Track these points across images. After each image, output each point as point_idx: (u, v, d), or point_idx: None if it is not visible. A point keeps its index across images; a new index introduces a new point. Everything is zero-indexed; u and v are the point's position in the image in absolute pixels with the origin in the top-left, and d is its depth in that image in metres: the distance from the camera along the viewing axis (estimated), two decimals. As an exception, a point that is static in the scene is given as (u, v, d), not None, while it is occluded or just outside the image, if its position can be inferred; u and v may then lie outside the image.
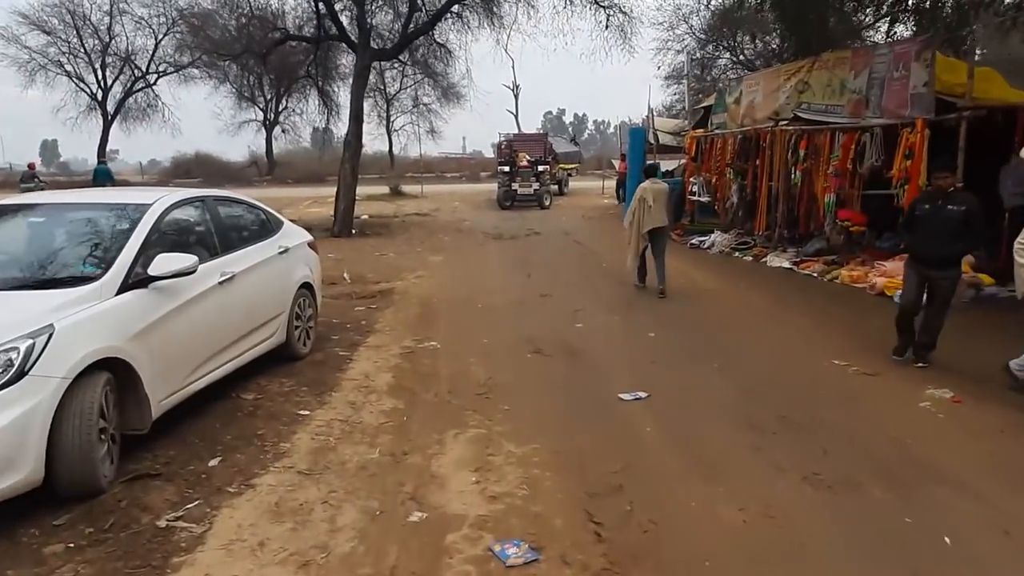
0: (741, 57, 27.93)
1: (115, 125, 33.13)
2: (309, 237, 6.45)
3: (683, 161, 14.84)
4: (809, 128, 10.17)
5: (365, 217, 19.94)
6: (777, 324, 7.34)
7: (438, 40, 17.15)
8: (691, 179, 13.84)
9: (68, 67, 31.43)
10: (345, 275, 10.07)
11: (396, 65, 43.14)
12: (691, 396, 5.03)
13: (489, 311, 7.89)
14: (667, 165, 22.62)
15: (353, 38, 15.15)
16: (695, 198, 13.78)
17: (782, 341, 6.64)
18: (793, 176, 10.36)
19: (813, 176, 9.98)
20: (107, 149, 33.22)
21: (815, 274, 9.59)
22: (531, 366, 5.83)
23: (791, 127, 10.59)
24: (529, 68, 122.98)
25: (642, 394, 4.98)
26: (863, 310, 7.71)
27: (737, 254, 11.56)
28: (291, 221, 6.66)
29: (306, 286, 6.07)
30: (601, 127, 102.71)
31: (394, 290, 9.09)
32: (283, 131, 41.70)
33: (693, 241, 12.92)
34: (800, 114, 10.52)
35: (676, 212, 14.07)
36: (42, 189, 26.37)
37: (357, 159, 15.04)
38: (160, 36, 28.98)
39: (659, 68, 27.87)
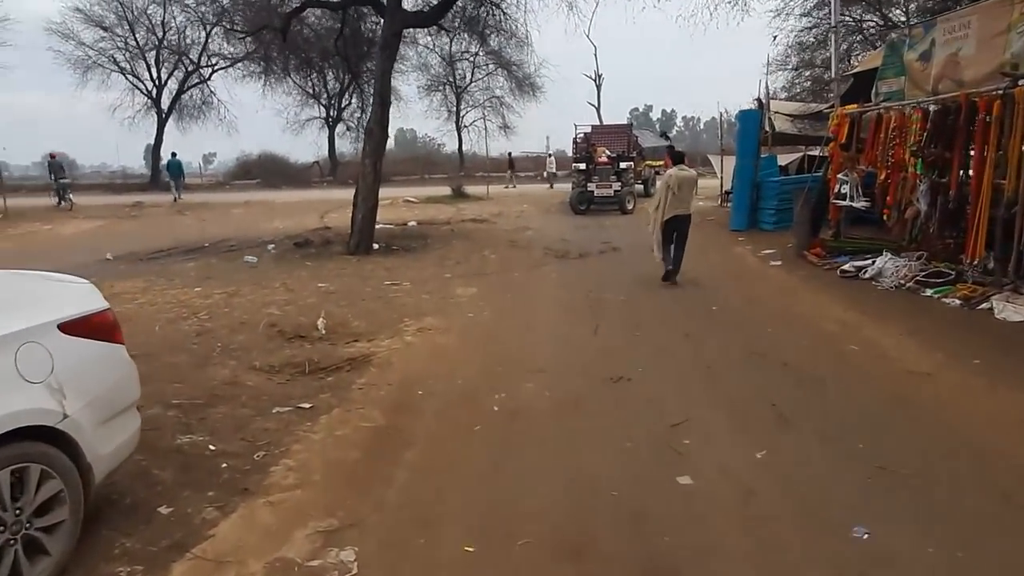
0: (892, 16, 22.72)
1: (171, 123, 31.63)
2: (64, 315, 2.87)
3: (825, 151, 10.58)
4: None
5: (413, 224, 16.82)
6: None
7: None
8: (840, 175, 9.63)
9: (123, 64, 30.10)
10: (320, 323, 6.65)
11: (467, 55, 40.27)
12: None
13: (510, 424, 4.22)
14: (784, 159, 18.31)
15: (382, -1, 11.83)
16: (845, 203, 9.57)
17: None
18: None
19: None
20: (161, 148, 31.67)
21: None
22: None
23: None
24: (614, 63, 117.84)
25: None
26: None
27: (929, 293, 7.34)
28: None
29: (34, 437, 2.57)
30: (691, 123, 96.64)
31: (372, 358, 5.56)
32: (347, 129, 39.37)
33: (846, 267, 8.73)
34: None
35: (814, 222, 9.92)
36: (67, 191, 24.99)
37: (381, 154, 11.70)
38: (210, 27, 26.98)
39: (774, 39, 23.07)
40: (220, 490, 3.38)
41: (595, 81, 43.23)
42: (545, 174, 31.00)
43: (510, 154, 35.60)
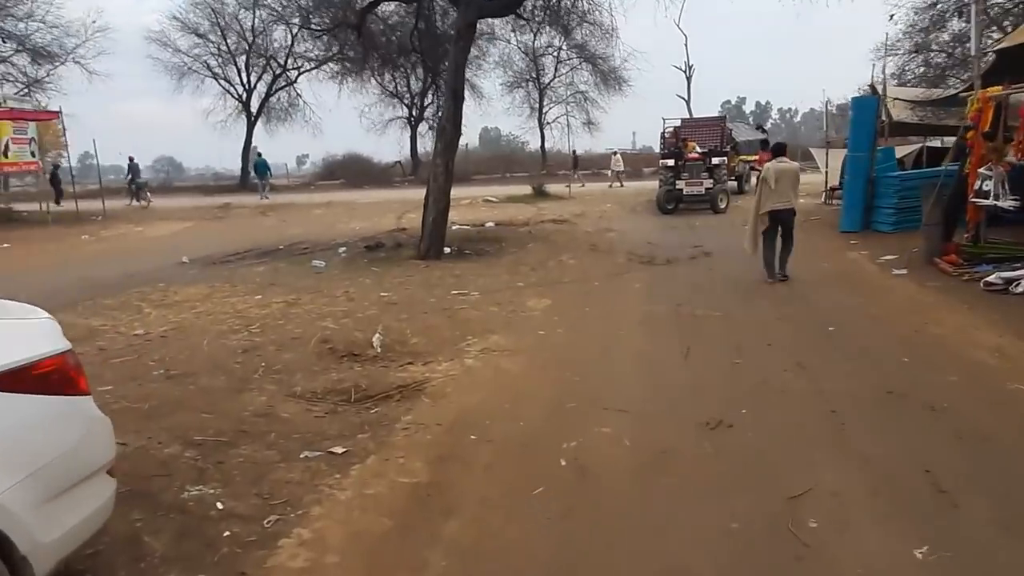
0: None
1: (259, 126, 32.49)
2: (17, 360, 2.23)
3: (962, 141, 9.07)
4: None
5: (490, 225, 16.20)
6: None
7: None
8: (981, 169, 8.17)
9: (216, 69, 31.17)
10: (376, 340, 6.01)
11: (550, 50, 39.40)
12: None
13: (578, 487, 3.37)
14: (900, 151, 16.46)
15: (456, -11, 11.18)
16: (988, 202, 8.11)
17: None
18: None
19: None
20: (251, 150, 32.58)
21: None
22: None
23: None
24: (705, 54, 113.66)
25: None
26: None
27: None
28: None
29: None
30: (787, 115, 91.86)
31: (426, 386, 4.84)
32: (429, 128, 39.34)
33: (991, 279, 7.32)
34: None
35: (948, 223, 8.51)
36: (143, 191, 26.11)
37: (453, 153, 11.05)
38: (296, 29, 27.45)
39: (891, 18, 20.91)
40: (212, 572, 2.71)
41: (685, 73, 41.41)
42: (609, 172, 29.46)
43: (574, 152, 34.44)
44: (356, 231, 15.77)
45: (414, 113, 38.74)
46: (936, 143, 18.57)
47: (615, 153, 30.52)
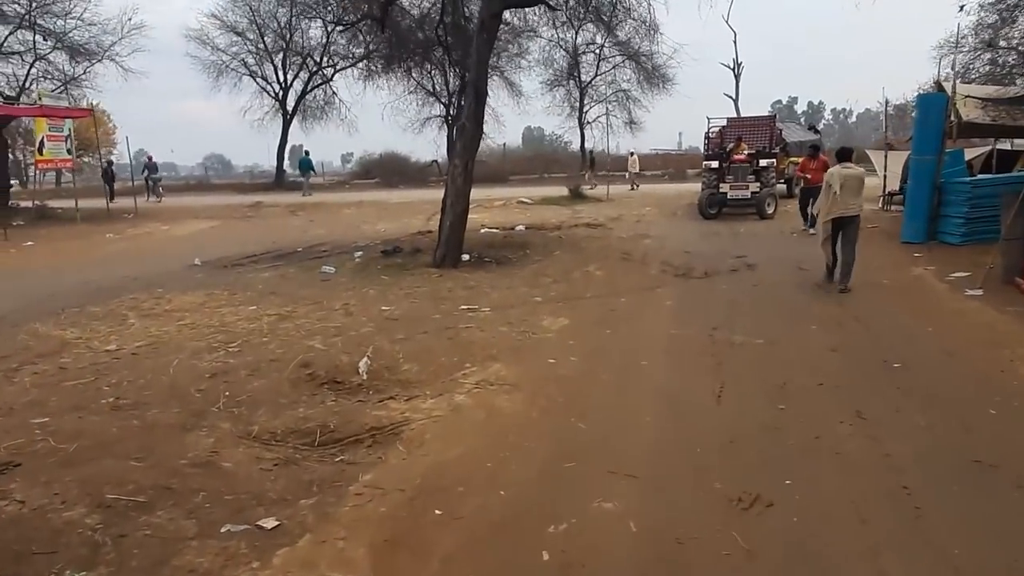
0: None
1: (295, 124, 32.34)
2: None
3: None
4: None
5: (521, 228, 15.44)
6: None
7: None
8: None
9: (254, 67, 31.10)
10: (362, 365, 5.28)
11: (592, 47, 38.35)
12: None
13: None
14: (968, 153, 15.06)
15: (481, -24, 10.41)
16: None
17: None
18: None
19: None
20: (287, 149, 32.52)
21: None
22: None
23: None
24: (755, 53, 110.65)
25: None
26: None
27: None
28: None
29: None
30: (840, 115, 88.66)
31: (403, 430, 4.08)
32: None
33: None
34: None
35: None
36: (157, 186, 26.42)
37: (473, 152, 10.26)
38: (329, 27, 27.11)
39: (961, 9, 19.39)
40: None
41: (734, 71, 39.87)
42: (627, 175, 27.95)
43: (591, 152, 33.05)
44: (381, 233, 15.18)
45: (451, 112, 38.14)
46: (1006, 145, 17.05)
47: (632, 154, 29.16)
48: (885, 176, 16.43)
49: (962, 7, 19.17)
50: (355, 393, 4.82)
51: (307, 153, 30.38)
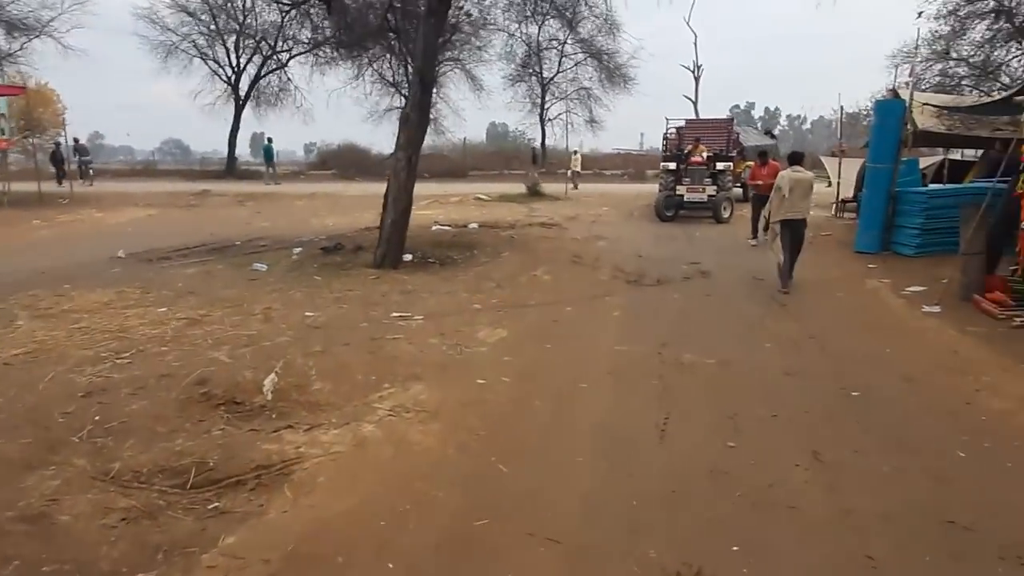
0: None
1: (249, 111, 30.96)
2: None
3: (1016, 154, 7.59)
4: None
5: (474, 226, 14.87)
6: None
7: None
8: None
9: (205, 49, 29.64)
10: (268, 383, 4.65)
11: (554, 43, 37.84)
12: None
13: None
14: (925, 161, 15.03)
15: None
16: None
17: None
18: None
19: None
20: (242, 136, 31.20)
21: None
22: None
23: None
24: (717, 58, 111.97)
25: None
26: None
27: None
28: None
29: None
30: (796, 121, 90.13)
31: (293, 471, 3.48)
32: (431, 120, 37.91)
33: (1051, 328, 5.91)
34: None
35: (992, 253, 7.13)
36: (88, 164, 25.22)
37: (418, 146, 9.65)
38: (286, 10, 25.86)
39: (919, 15, 19.56)
40: None
41: (693, 73, 39.87)
42: (569, 173, 26.84)
43: (534, 148, 32.08)
44: (328, 228, 14.43)
45: (412, 103, 37.19)
46: (956, 156, 17.14)
47: (575, 153, 28.06)
48: (839, 183, 16.33)
49: (920, 13, 19.37)
50: (252, 418, 4.19)
51: (270, 141, 29.24)
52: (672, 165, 16.79)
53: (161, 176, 33.24)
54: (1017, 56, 20.80)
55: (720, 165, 16.49)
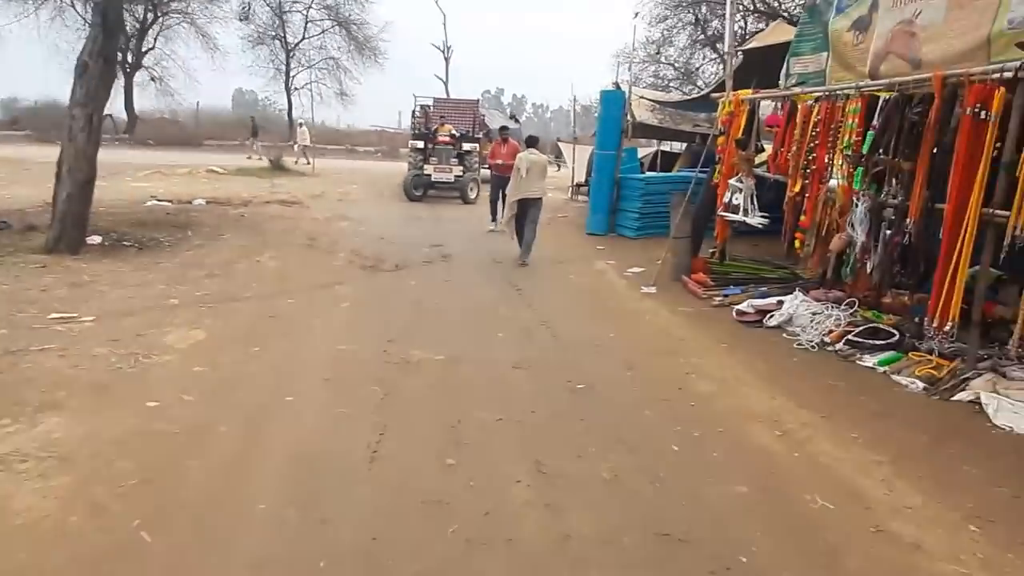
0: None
1: None
2: None
3: (713, 146, 8.28)
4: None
5: (200, 202, 13.04)
6: None
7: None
8: (732, 180, 7.41)
9: None
10: None
11: (298, 6, 35.27)
12: None
13: None
14: (642, 151, 16.42)
15: None
16: (736, 217, 7.39)
17: None
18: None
19: None
20: None
21: None
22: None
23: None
24: (466, 45, 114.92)
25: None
26: None
27: (872, 363, 5.18)
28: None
29: None
30: (540, 110, 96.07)
31: None
32: (151, 79, 33.24)
33: (743, 307, 6.50)
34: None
35: (696, 237, 7.73)
36: None
37: (102, 102, 7.92)
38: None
39: (636, 15, 21.54)
40: None
41: (443, 52, 39.97)
42: (295, 146, 24.73)
43: (253, 118, 30.04)
44: (6, 199, 11.53)
45: (129, 59, 32.25)
46: (667, 147, 19.20)
47: (300, 125, 26.10)
48: (573, 168, 17.29)
49: (636, 14, 21.51)
50: None
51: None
52: (420, 144, 16.41)
53: None
54: (710, 62, 24.11)
55: (467, 146, 16.48)
